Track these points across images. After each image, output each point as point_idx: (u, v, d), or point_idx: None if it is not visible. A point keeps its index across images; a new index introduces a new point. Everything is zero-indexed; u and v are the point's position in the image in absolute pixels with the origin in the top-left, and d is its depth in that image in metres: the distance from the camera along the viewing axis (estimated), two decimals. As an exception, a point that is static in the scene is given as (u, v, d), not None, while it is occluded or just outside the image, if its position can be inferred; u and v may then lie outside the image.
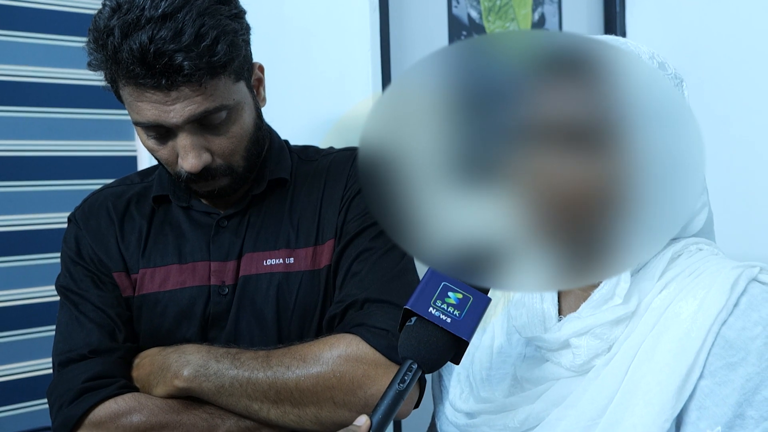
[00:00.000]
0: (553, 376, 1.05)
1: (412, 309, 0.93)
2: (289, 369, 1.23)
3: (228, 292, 1.35)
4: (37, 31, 2.13)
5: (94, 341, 1.31)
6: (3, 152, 2.08)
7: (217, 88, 1.25)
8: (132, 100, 1.25)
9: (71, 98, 2.19)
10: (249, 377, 1.23)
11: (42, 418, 2.11)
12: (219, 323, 1.35)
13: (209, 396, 1.24)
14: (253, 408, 1.24)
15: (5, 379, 2.08)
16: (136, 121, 1.28)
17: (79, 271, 1.37)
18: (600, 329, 1.01)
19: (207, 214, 1.39)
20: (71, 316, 1.34)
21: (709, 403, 0.95)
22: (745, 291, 0.98)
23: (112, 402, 1.25)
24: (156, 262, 1.37)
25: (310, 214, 1.38)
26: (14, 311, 2.10)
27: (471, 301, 0.92)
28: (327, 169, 1.42)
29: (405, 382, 0.90)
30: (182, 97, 1.22)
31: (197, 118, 1.25)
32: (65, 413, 1.25)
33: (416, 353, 0.91)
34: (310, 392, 1.22)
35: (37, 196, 2.13)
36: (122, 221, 1.40)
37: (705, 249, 1.07)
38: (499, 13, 2.14)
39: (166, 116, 1.23)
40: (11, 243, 2.10)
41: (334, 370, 1.23)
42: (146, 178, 1.48)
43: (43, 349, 2.13)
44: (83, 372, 1.28)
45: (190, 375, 1.24)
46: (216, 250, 1.36)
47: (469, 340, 0.92)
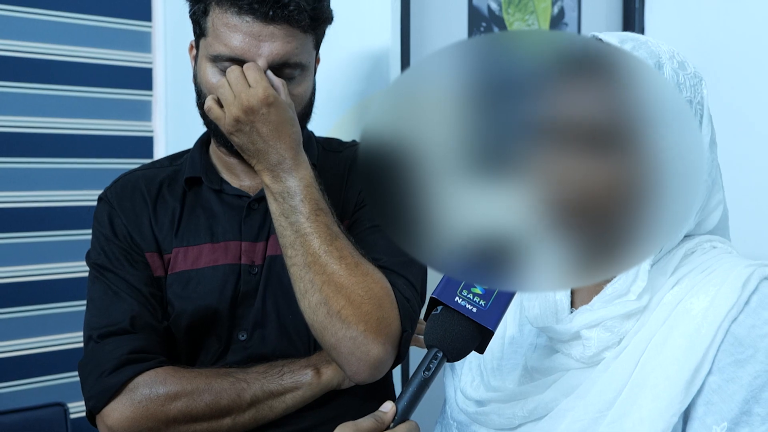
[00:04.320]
0: (563, 367, 1.06)
1: (439, 298, 0.94)
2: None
3: (257, 271, 1.39)
4: (55, 8, 2.14)
5: (136, 316, 1.34)
6: (20, 128, 2.09)
7: (304, 45, 1.34)
8: (221, 28, 1.31)
9: (89, 77, 2.20)
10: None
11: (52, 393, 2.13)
12: (248, 300, 1.39)
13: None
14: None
15: (19, 353, 2.10)
16: (215, 54, 1.32)
17: (113, 249, 1.40)
18: (611, 322, 1.02)
19: (238, 197, 1.44)
20: (106, 292, 1.37)
21: (717, 399, 0.96)
22: (757, 289, 0.98)
23: (152, 372, 1.30)
24: (189, 241, 1.41)
25: (333, 199, 1.40)
26: (29, 287, 2.12)
27: (497, 292, 0.94)
28: (352, 158, 1.48)
29: (430, 369, 0.92)
30: (275, 37, 1.30)
31: (280, 63, 1.32)
32: (105, 382, 1.29)
33: (442, 341, 0.93)
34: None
35: (54, 173, 2.15)
36: (155, 203, 1.44)
37: (719, 246, 1.08)
38: (519, 5, 2.15)
39: (255, 50, 1.30)
40: (27, 219, 2.11)
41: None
42: (175, 162, 1.52)
43: (58, 325, 2.15)
44: (126, 344, 1.32)
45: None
46: (247, 231, 1.41)
47: (494, 330, 0.93)
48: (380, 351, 1.25)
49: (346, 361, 1.26)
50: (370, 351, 1.25)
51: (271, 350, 1.39)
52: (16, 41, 2.07)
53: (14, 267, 2.10)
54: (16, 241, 2.10)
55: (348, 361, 1.26)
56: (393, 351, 1.28)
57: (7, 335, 2.08)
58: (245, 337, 1.39)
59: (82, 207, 2.17)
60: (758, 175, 2.10)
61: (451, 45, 0.82)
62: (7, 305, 2.08)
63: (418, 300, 1.35)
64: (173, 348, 1.40)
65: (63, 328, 2.16)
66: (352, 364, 1.26)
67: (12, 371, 2.09)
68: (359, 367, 1.26)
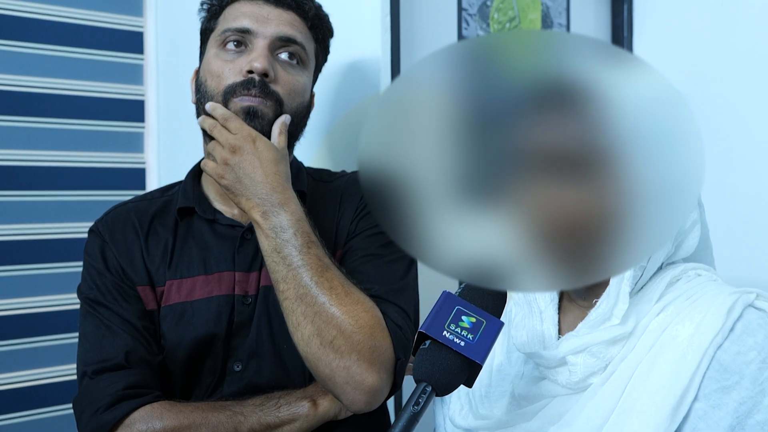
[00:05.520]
0: (550, 394, 1.07)
1: (427, 332, 0.94)
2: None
3: (251, 301, 1.39)
4: (50, 42, 2.15)
5: (130, 351, 1.34)
6: (12, 162, 2.10)
7: (305, 36, 1.45)
8: (233, 12, 1.43)
9: (82, 110, 2.20)
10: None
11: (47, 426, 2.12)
12: (242, 331, 1.39)
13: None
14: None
15: (13, 386, 2.09)
16: (225, 28, 1.42)
17: (106, 282, 1.40)
18: (597, 348, 1.03)
19: (231, 227, 1.44)
20: (99, 326, 1.37)
21: (703, 426, 0.96)
22: (741, 316, 0.99)
23: (148, 407, 1.29)
24: (182, 273, 1.41)
25: (327, 228, 1.42)
26: (22, 320, 2.11)
27: (484, 325, 0.94)
28: (343, 188, 1.48)
29: (419, 404, 0.91)
30: (283, 19, 1.42)
31: (284, 39, 1.41)
32: (102, 418, 1.28)
33: (430, 376, 0.93)
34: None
35: (46, 206, 2.15)
36: (147, 235, 1.44)
37: (703, 274, 1.09)
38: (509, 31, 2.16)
39: (262, 24, 1.41)
40: (19, 252, 2.11)
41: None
42: (167, 193, 1.52)
43: (51, 358, 2.15)
44: (121, 380, 1.31)
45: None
46: (240, 261, 1.41)
47: (482, 364, 0.93)
48: (375, 379, 1.25)
49: (342, 391, 1.26)
50: (365, 380, 1.25)
51: (266, 380, 1.38)
52: (8, 75, 2.08)
53: (7, 300, 2.09)
54: (9, 274, 2.09)
55: (344, 391, 1.26)
56: (388, 379, 1.28)
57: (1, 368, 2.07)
58: (240, 368, 1.38)
59: (76, 239, 2.17)
60: (743, 200, 2.11)
61: (440, 53, 0.82)
62: (1, 338, 2.08)
63: (411, 327, 1.35)
64: (168, 381, 1.40)
65: (56, 360, 2.15)
66: (347, 393, 1.26)
67: (7, 404, 2.08)
68: (355, 396, 1.26)
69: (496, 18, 2.14)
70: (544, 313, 1.15)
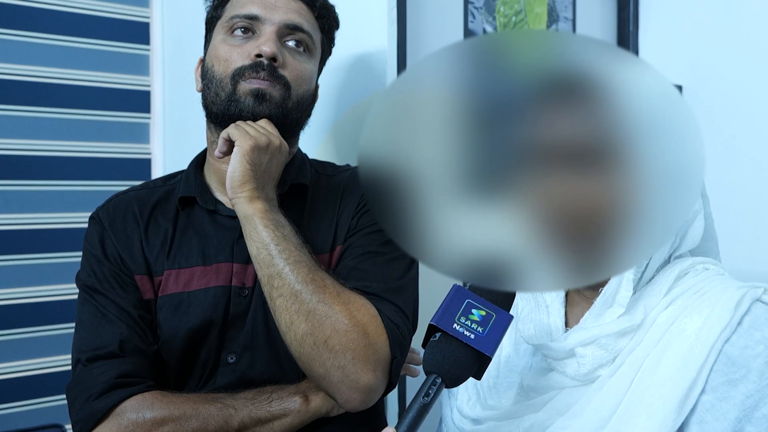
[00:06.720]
0: (558, 385, 1.08)
1: (437, 325, 0.95)
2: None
3: (248, 293, 1.38)
4: (56, 33, 2.15)
5: (125, 339, 1.34)
6: (18, 151, 2.10)
7: (312, 25, 1.47)
8: (241, 1, 1.44)
9: (88, 100, 2.21)
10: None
11: (48, 415, 2.13)
12: (238, 323, 1.38)
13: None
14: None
15: (14, 376, 2.10)
16: (233, 14, 1.44)
17: (104, 270, 1.40)
18: (605, 340, 1.04)
19: (232, 218, 1.43)
20: (95, 314, 1.37)
21: (710, 418, 0.97)
22: (749, 311, 1.00)
23: (140, 397, 1.29)
24: (181, 263, 1.41)
25: (327, 223, 1.41)
26: (26, 309, 2.12)
27: (494, 318, 0.95)
28: (345, 183, 1.47)
29: (429, 395, 0.93)
30: (290, 7, 1.45)
31: (291, 26, 1.43)
32: (93, 406, 1.28)
33: (440, 368, 0.94)
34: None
35: (52, 195, 2.16)
36: (147, 225, 1.44)
37: (711, 269, 1.09)
38: (514, 29, 2.17)
39: (270, 10, 1.43)
40: (24, 241, 2.12)
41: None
42: (169, 182, 1.52)
43: (54, 347, 2.16)
44: (115, 368, 1.31)
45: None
46: (239, 253, 1.40)
47: (492, 356, 0.94)
48: (370, 378, 1.25)
49: (337, 390, 1.26)
50: (360, 378, 1.25)
51: (259, 373, 1.38)
52: (15, 65, 2.09)
53: (16, 288, 2.10)
54: (15, 263, 2.10)
55: (339, 390, 1.26)
56: (383, 377, 1.28)
57: (2, 357, 2.08)
58: (234, 360, 1.38)
59: (82, 229, 2.17)
60: (748, 196, 2.11)
61: (445, 50, 0.82)
62: (4, 327, 2.08)
63: (409, 326, 1.35)
64: (162, 371, 1.39)
65: (59, 350, 2.16)
66: (342, 392, 1.26)
67: (9, 393, 2.09)
68: (350, 395, 1.26)
69: (502, 11, 2.15)
70: (550, 307, 1.15)
